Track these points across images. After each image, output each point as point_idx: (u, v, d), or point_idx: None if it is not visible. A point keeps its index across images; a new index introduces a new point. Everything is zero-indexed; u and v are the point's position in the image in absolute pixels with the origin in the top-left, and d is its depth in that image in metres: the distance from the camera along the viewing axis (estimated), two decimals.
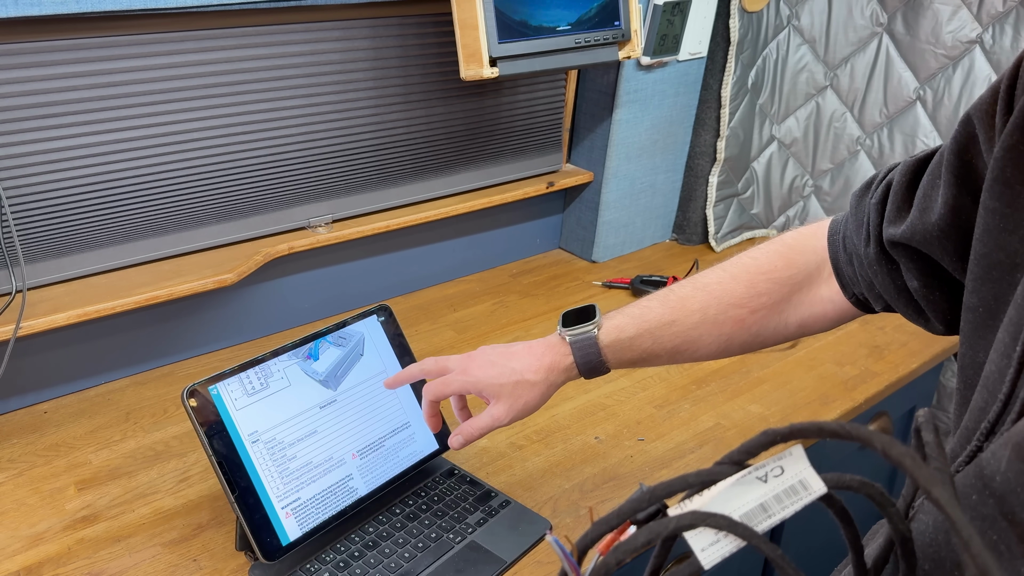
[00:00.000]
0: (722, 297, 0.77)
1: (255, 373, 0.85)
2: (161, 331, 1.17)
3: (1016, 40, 1.30)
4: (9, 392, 1.07)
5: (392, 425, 0.94)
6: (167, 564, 0.85)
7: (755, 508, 0.37)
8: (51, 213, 1.01)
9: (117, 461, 1.00)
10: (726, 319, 0.77)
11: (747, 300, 0.76)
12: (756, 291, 0.76)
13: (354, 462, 0.90)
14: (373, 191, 1.30)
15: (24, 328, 0.98)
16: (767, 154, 1.66)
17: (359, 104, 1.21)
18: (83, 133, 0.99)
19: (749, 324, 0.77)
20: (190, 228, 1.14)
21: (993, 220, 0.52)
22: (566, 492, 0.97)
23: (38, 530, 0.89)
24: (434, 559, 0.85)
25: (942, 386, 1.53)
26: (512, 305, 1.40)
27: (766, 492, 0.38)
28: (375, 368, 0.95)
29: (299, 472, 0.85)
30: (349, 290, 1.35)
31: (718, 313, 0.77)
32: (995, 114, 0.53)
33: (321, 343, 0.91)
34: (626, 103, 1.44)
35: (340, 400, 0.91)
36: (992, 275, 0.52)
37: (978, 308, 0.54)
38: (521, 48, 1.14)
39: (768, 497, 0.38)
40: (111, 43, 0.97)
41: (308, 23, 1.11)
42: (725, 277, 0.78)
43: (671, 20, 1.38)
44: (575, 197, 1.57)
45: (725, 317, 0.77)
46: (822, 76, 1.55)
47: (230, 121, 1.10)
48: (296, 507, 0.84)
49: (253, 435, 0.83)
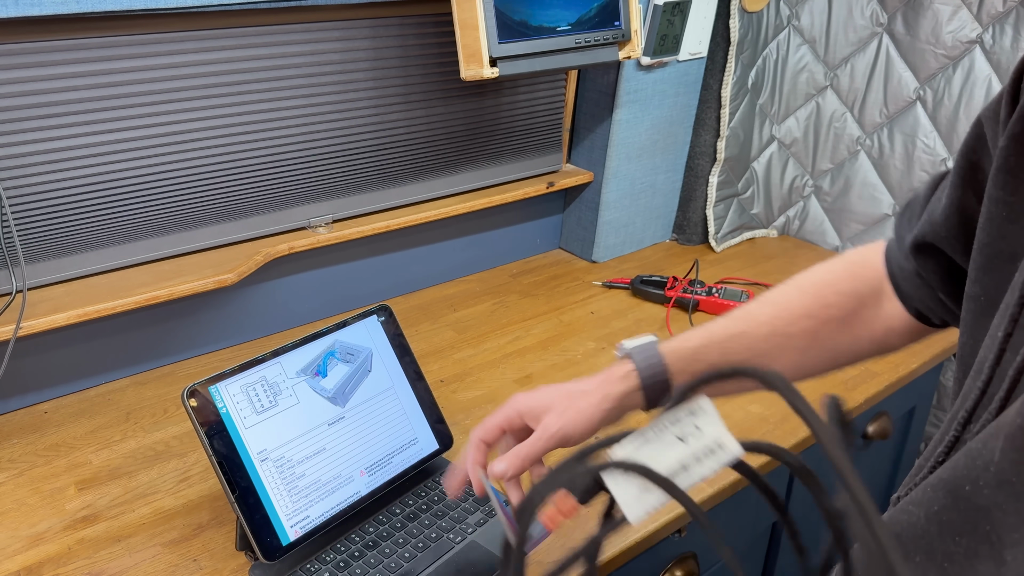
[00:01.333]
0: (790, 308, 0.74)
1: (263, 389, 0.85)
2: (161, 331, 1.17)
3: (1016, 40, 1.30)
4: (9, 392, 1.07)
5: (400, 441, 0.94)
6: (167, 564, 0.85)
7: (676, 466, 0.41)
8: (51, 213, 1.01)
9: (117, 461, 1.00)
10: (797, 331, 0.73)
11: (816, 311, 0.73)
12: (824, 302, 0.73)
13: (362, 479, 0.90)
14: (373, 191, 1.30)
15: (24, 328, 0.98)
16: (767, 154, 1.66)
17: (359, 104, 1.21)
18: (83, 133, 0.99)
19: (822, 338, 0.73)
20: (190, 228, 1.14)
21: (996, 209, 0.52)
22: None
23: (38, 530, 0.89)
24: (434, 559, 0.85)
25: (942, 386, 1.53)
26: (512, 305, 1.40)
27: (686, 452, 0.42)
28: (383, 384, 0.95)
29: (308, 490, 0.85)
30: (349, 290, 1.35)
31: (788, 324, 0.73)
32: (1001, 110, 0.53)
33: (329, 359, 0.91)
34: (626, 103, 1.44)
35: (348, 417, 0.91)
36: (994, 264, 0.53)
37: (979, 297, 0.54)
38: (521, 48, 1.14)
39: (688, 457, 0.42)
40: (111, 43, 0.97)
41: (308, 23, 1.11)
42: (790, 290, 0.75)
43: (671, 20, 1.38)
44: (575, 197, 1.57)
45: (796, 329, 0.73)
46: (822, 76, 1.55)
47: (230, 121, 1.10)
48: (305, 524, 0.84)
49: (262, 453, 0.83)
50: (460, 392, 1.15)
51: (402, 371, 0.97)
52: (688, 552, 1.08)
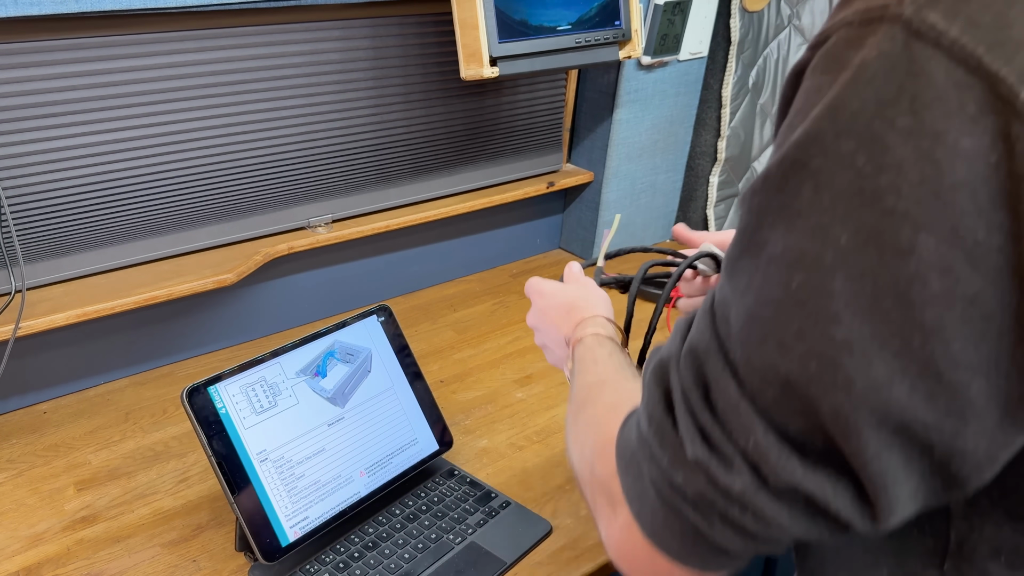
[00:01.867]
0: None
1: (262, 390, 0.85)
2: (161, 331, 1.17)
3: None
4: (8, 392, 1.07)
5: (400, 442, 0.94)
6: (166, 565, 0.85)
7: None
8: (50, 213, 1.01)
9: (116, 461, 0.99)
10: None
11: None
12: None
13: (362, 480, 0.90)
14: (373, 191, 1.30)
15: (23, 328, 0.98)
16: (768, 154, 1.65)
17: (359, 104, 1.21)
18: (82, 133, 0.99)
19: None
20: (189, 228, 1.14)
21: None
22: (566, 493, 0.97)
23: (37, 530, 0.89)
24: (434, 560, 0.85)
25: None
26: (512, 305, 1.40)
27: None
28: (383, 384, 0.95)
29: (308, 491, 0.85)
30: (349, 290, 1.34)
31: None
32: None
33: (329, 359, 0.91)
34: (627, 103, 1.44)
35: (348, 417, 0.91)
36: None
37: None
38: (521, 48, 1.14)
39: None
40: (110, 43, 0.97)
41: (308, 23, 1.11)
42: None
43: (672, 20, 1.37)
44: (575, 197, 1.57)
45: None
46: None
47: (229, 121, 1.10)
48: (304, 525, 0.84)
49: (262, 454, 0.83)
50: (460, 392, 1.15)
51: (402, 371, 0.97)
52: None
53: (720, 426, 0.42)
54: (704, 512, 0.43)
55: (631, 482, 0.48)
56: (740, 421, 0.41)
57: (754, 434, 0.40)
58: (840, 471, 0.40)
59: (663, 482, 0.45)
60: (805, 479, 0.40)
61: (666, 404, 0.45)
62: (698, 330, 0.44)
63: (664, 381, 0.46)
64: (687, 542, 0.45)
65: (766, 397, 0.40)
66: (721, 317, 0.43)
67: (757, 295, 0.40)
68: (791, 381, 0.39)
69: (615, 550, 0.51)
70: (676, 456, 0.44)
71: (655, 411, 0.46)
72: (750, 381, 0.41)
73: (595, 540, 0.90)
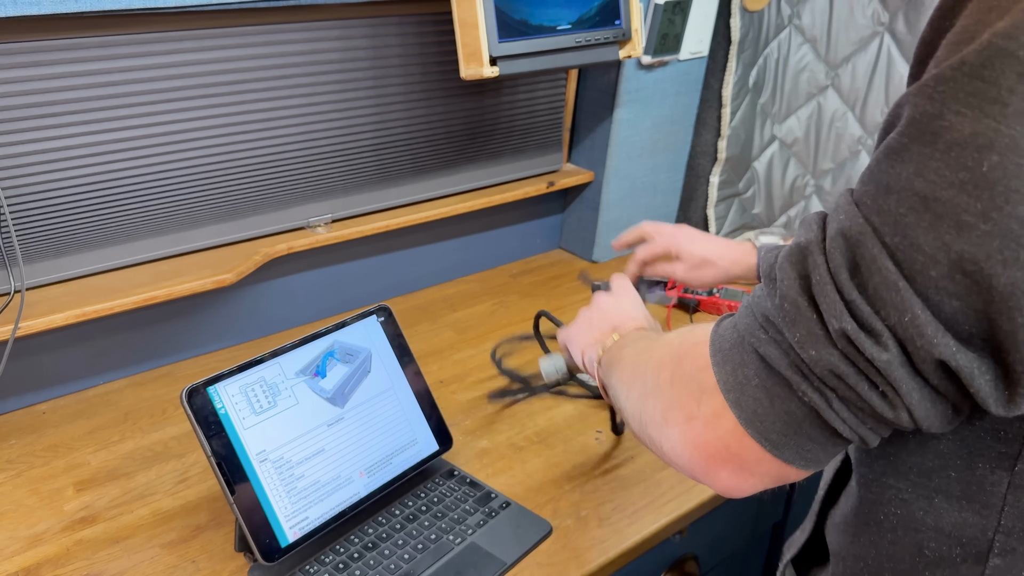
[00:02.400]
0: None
1: (262, 390, 0.85)
2: (160, 331, 1.16)
3: None
4: (7, 392, 1.06)
5: (400, 442, 0.94)
6: (166, 565, 0.85)
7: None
8: (50, 213, 1.01)
9: (115, 462, 0.99)
10: None
11: None
12: None
13: (362, 480, 0.90)
14: (373, 191, 1.30)
15: (22, 328, 0.98)
16: (768, 154, 1.65)
17: (359, 104, 1.21)
18: (81, 133, 0.99)
19: None
20: (189, 228, 1.14)
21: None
22: (566, 493, 0.97)
23: (37, 531, 0.89)
24: (434, 560, 0.85)
25: None
26: (512, 305, 1.40)
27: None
28: (382, 385, 0.95)
29: (307, 491, 0.85)
30: (349, 290, 1.34)
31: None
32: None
33: (328, 360, 0.91)
34: (627, 103, 1.44)
35: (348, 418, 0.90)
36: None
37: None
38: (521, 47, 1.14)
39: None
40: (109, 43, 0.97)
41: (308, 23, 1.11)
42: None
43: (672, 19, 1.37)
44: (575, 197, 1.56)
45: None
46: (823, 76, 1.55)
47: (229, 121, 1.10)
48: (304, 526, 0.84)
49: (261, 454, 0.83)
50: (460, 393, 1.15)
51: (401, 372, 0.97)
52: (689, 553, 1.08)
53: (871, 304, 0.44)
54: (825, 390, 0.46)
55: (730, 370, 0.50)
56: (896, 299, 0.43)
57: (910, 311, 0.42)
58: (984, 351, 0.42)
59: (785, 362, 0.47)
60: (957, 354, 0.42)
61: (801, 286, 0.46)
62: (847, 216, 0.45)
63: (801, 265, 0.47)
64: (790, 428, 0.48)
65: (928, 277, 0.42)
66: (874, 204, 0.44)
67: (933, 178, 0.41)
68: (964, 259, 0.40)
69: (691, 448, 0.53)
70: (810, 334, 0.45)
71: (789, 292, 0.47)
72: (912, 262, 0.42)
73: (595, 540, 0.90)
